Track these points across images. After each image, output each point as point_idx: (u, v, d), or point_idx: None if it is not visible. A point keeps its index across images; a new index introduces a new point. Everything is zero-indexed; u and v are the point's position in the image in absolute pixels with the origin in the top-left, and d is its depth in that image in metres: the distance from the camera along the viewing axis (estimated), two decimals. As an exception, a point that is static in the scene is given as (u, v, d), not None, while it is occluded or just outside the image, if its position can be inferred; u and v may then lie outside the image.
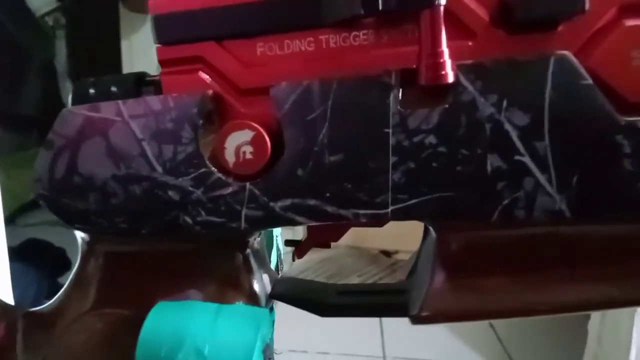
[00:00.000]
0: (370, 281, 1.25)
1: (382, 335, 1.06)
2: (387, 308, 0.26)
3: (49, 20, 1.57)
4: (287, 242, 0.27)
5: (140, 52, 1.44)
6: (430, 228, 0.23)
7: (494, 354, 1.01)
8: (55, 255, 1.32)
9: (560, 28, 0.21)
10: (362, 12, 0.20)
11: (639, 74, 0.20)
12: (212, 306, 0.23)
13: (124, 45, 1.45)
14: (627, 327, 0.71)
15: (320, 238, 0.26)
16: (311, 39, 0.22)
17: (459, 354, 1.01)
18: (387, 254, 1.38)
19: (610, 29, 0.20)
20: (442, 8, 0.20)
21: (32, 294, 1.16)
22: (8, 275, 0.67)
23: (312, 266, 1.20)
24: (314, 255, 0.28)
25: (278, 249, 0.32)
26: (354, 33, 0.22)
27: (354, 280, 1.23)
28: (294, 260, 0.27)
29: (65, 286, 0.28)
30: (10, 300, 0.67)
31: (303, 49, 0.22)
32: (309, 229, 0.26)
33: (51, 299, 0.28)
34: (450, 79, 0.20)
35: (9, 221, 0.68)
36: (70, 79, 1.63)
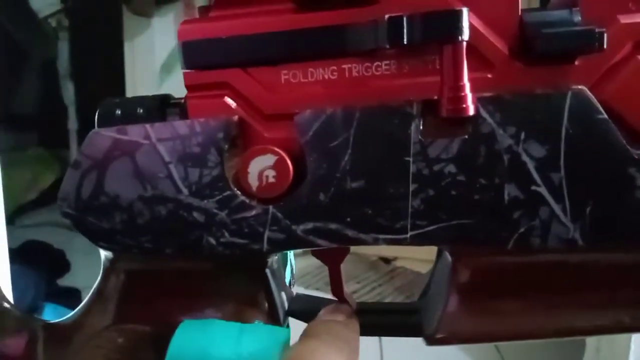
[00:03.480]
0: (368, 288, 1.26)
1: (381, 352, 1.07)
2: (403, 328, 0.26)
3: (52, 22, 1.57)
4: None
5: (142, 54, 1.45)
6: (446, 252, 0.24)
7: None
8: (55, 257, 1.32)
9: (577, 62, 0.22)
10: (388, 45, 0.21)
11: None
12: (235, 325, 0.23)
13: (127, 47, 1.45)
14: (625, 337, 0.72)
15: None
16: (334, 67, 0.23)
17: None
18: (386, 260, 1.39)
19: (625, 64, 0.21)
20: (464, 43, 0.20)
21: (30, 295, 1.15)
22: (9, 277, 0.67)
23: (311, 271, 1.21)
24: (313, 260, 0.29)
25: (291, 265, 0.33)
26: (377, 63, 0.23)
27: (353, 286, 1.24)
28: None
29: (85, 301, 0.28)
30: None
31: (326, 77, 0.23)
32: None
33: (49, 301, 0.28)
34: (471, 112, 0.21)
35: (7, 222, 0.68)
36: (72, 80, 1.63)
